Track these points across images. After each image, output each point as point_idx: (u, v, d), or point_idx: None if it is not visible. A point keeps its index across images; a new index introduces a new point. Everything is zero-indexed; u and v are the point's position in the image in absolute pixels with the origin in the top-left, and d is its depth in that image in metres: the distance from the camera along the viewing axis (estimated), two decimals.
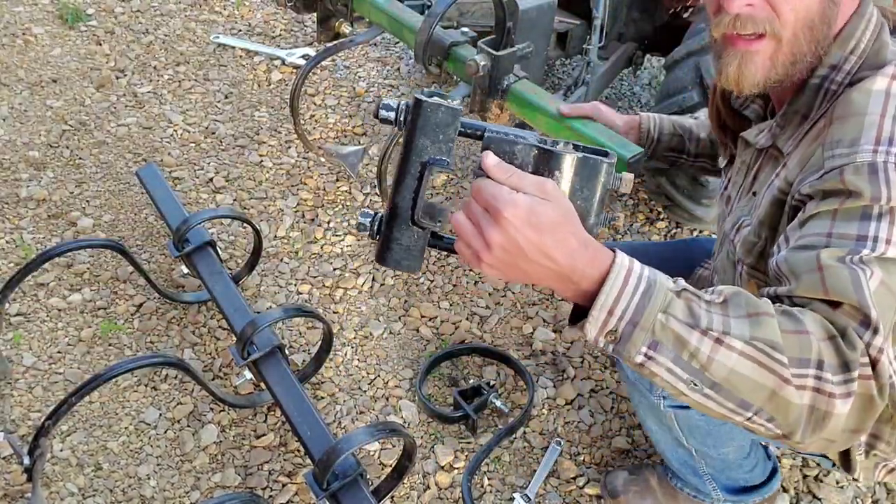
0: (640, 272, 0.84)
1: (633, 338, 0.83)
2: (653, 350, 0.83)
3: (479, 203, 0.83)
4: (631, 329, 0.83)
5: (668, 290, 0.84)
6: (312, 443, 1.59)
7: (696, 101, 2.27)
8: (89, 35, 3.28)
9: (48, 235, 2.36)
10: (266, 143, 2.84)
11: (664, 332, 0.82)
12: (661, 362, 0.84)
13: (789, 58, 1.09)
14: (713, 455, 1.50)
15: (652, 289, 0.83)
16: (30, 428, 1.84)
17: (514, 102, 1.96)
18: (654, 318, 0.82)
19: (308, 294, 2.29)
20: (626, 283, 0.83)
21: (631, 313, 0.82)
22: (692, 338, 0.82)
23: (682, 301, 0.84)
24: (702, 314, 0.83)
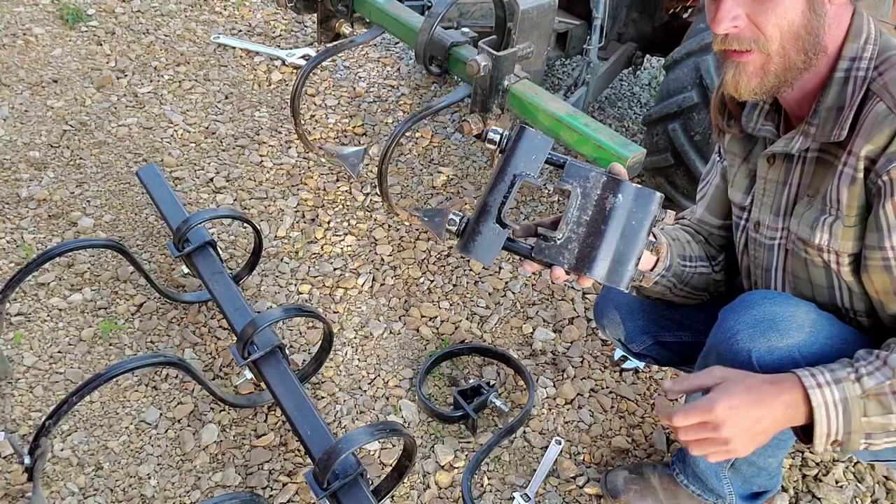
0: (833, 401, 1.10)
1: (851, 440, 1.12)
2: (869, 440, 1.13)
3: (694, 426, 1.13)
4: (847, 437, 1.12)
5: (857, 398, 1.10)
6: (313, 442, 1.59)
7: (696, 102, 2.28)
8: (90, 35, 3.28)
9: (49, 235, 2.36)
10: (266, 143, 2.85)
11: (871, 427, 1.11)
12: (879, 442, 1.14)
13: (780, 66, 1.18)
14: (759, 464, 1.51)
15: (848, 408, 1.10)
16: (30, 427, 1.84)
17: (515, 102, 1.96)
18: (859, 423, 1.10)
19: (308, 294, 2.30)
20: (829, 415, 1.10)
21: (843, 429, 1.11)
22: (892, 420, 1.10)
23: (872, 402, 1.10)
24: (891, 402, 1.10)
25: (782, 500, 1.83)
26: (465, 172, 2.83)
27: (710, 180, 1.57)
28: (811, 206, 1.29)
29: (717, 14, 1.15)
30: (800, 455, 1.95)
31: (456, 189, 2.74)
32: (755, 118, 1.36)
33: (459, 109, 3.10)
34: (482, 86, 1.95)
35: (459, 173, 2.82)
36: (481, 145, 2.94)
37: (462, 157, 2.90)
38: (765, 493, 1.63)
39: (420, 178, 2.78)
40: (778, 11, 1.13)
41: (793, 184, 1.32)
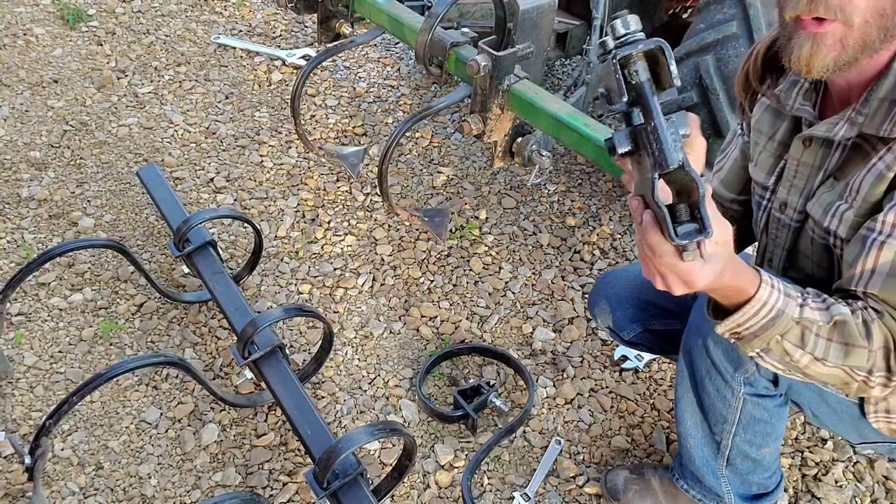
0: (772, 304, 1.09)
1: (751, 343, 1.14)
2: (764, 353, 1.16)
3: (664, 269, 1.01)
4: (752, 338, 1.13)
5: (790, 319, 1.10)
6: (313, 442, 1.59)
7: (696, 102, 2.27)
8: (90, 35, 3.29)
9: (49, 235, 2.36)
10: (267, 143, 2.85)
11: (776, 346, 1.13)
12: (769, 361, 1.17)
13: (859, 42, 1.10)
14: (751, 455, 1.51)
15: (777, 319, 1.10)
16: (31, 427, 1.84)
17: (515, 103, 1.96)
18: (771, 337, 1.12)
19: (308, 294, 2.30)
20: (758, 313, 1.10)
21: (754, 329, 1.11)
22: (796, 353, 1.13)
23: (798, 328, 1.11)
24: (810, 340, 1.11)
25: (782, 500, 1.84)
26: (465, 172, 2.83)
27: (729, 153, 1.54)
28: (832, 189, 1.26)
29: None
30: (799, 455, 1.95)
31: (456, 189, 2.74)
32: (794, 96, 1.30)
33: (459, 109, 3.10)
34: (482, 86, 1.95)
35: (459, 173, 2.82)
36: (481, 145, 2.94)
37: (462, 157, 2.90)
38: (765, 495, 1.62)
39: (420, 178, 2.79)
40: None
41: (827, 169, 1.28)
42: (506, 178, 2.83)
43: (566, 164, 2.95)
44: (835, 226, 1.24)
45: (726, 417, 1.47)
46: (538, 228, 2.62)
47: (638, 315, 1.71)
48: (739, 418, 1.45)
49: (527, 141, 2.06)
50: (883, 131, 1.15)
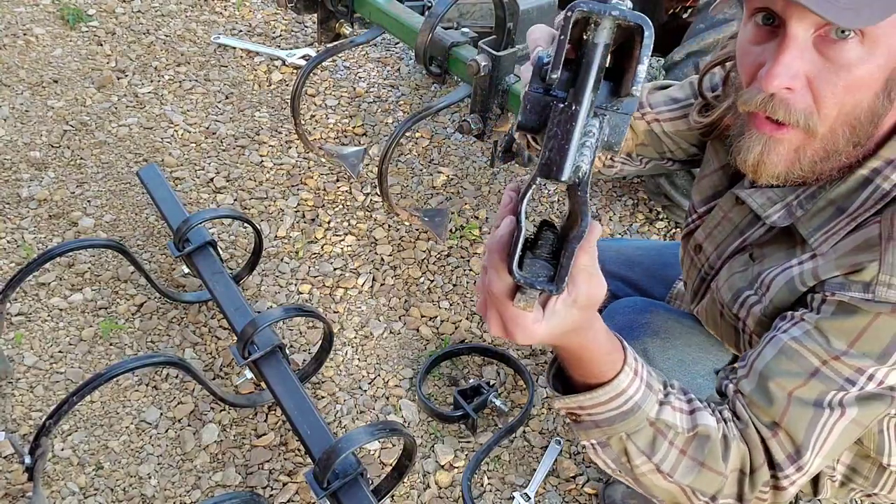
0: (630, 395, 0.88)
1: (589, 432, 0.92)
2: (600, 448, 0.93)
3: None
4: (591, 426, 0.91)
5: (645, 417, 0.90)
6: (313, 442, 1.59)
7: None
8: (90, 35, 3.29)
9: (49, 235, 2.36)
10: (267, 143, 2.85)
11: (618, 444, 0.91)
12: (602, 457, 0.94)
13: (819, 154, 0.94)
14: None
15: (630, 413, 0.89)
16: (31, 427, 1.84)
17: (515, 102, 1.96)
18: (616, 433, 0.90)
19: (308, 294, 2.30)
20: (610, 402, 0.88)
21: (599, 419, 0.90)
22: (638, 459, 0.92)
23: (651, 430, 0.90)
24: (661, 448, 0.91)
25: None
26: (465, 172, 2.83)
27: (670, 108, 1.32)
28: (744, 271, 1.12)
29: (774, 67, 0.86)
30: None
31: (456, 189, 2.74)
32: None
33: (459, 109, 3.10)
34: (482, 86, 1.95)
35: (459, 173, 2.82)
36: (481, 145, 2.94)
37: (462, 157, 2.90)
38: None
39: (420, 178, 2.79)
40: (849, 84, 0.86)
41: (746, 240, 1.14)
42: (506, 178, 2.83)
43: None
44: (743, 315, 1.12)
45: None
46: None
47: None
48: None
49: None
50: (814, 240, 1.00)
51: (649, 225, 2.70)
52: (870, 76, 0.86)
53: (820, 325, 0.93)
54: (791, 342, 0.94)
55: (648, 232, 2.67)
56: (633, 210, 2.75)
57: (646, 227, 2.69)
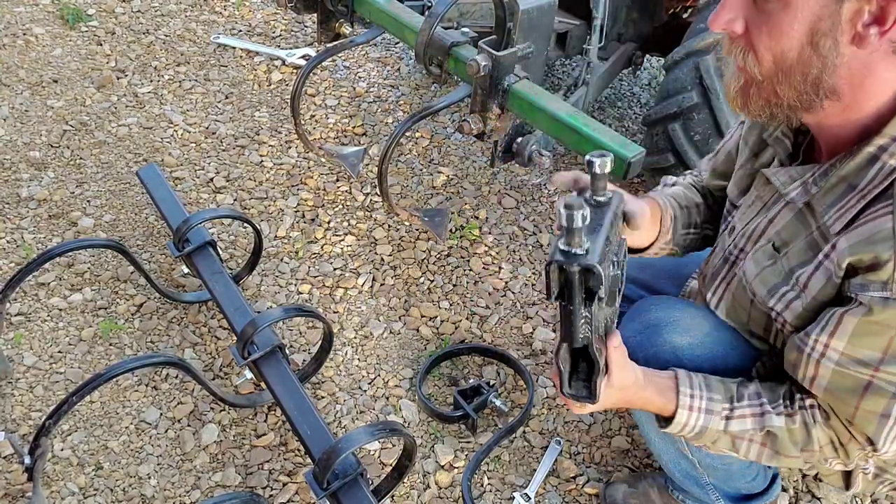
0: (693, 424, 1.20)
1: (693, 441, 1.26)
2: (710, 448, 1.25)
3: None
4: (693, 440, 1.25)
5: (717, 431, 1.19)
6: (313, 442, 1.59)
7: (696, 102, 2.28)
8: (90, 35, 3.28)
9: (49, 235, 2.36)
10: (266, 143, 2.85)
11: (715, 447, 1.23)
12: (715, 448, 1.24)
13: (764, 97, 1.03)
14: (717, 466, 1.48)
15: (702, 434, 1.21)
16: (31, 427, 1.84)
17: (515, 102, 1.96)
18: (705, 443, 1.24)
19: (308, 294, 2.30)
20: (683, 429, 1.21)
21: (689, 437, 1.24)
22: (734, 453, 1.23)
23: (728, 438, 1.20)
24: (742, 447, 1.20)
25: (782, 500, 1.83)
26: (465, 172, 2.83)
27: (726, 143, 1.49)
28: (774, 266, 1.18)
29: (718, 10, 1.00)
30: None
31: (456, 189, 2.74)
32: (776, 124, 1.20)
33: (459, 109, 3.10)
34: (482, 86, 1.95)
35: (459, 173, 2.82)
36: (481, 145, 2.94)
37: (462, 157, 2.90)
38: (759, 495, 1.61)
39: (420, 178, 2.79)
40: (773, 33, 0.96)
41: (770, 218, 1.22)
42: (506, 178, 2.83)
43: (566, 164, 2.95)
44: (780, 309, 1.18)
45: (675, 440, 1.44)
46: (538, 228, 2.62)
47: None
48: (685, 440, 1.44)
49: (527, 141, 2.05)
50: (828, 217, 1.07)
51: None
52: (789, 25, 0.94)
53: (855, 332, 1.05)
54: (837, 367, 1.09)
55: None
56: None
57: None
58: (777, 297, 1.18)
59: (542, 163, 2.03)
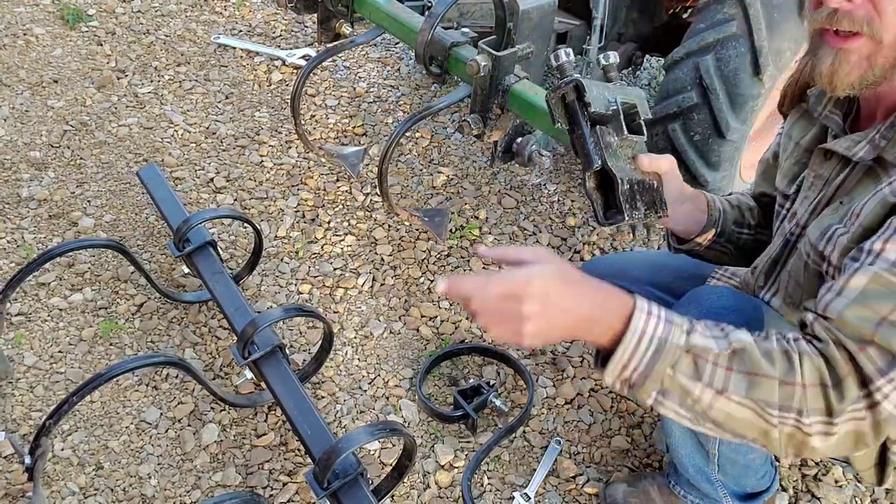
0: (652, 333, 0.96)
1: (644, 386, 0.97)
2: (661, 396, 0.98)
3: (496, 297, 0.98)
4: (643, 380, 0.97)
5: (677, 347, 0.96)
6: (313, 442, 1.59)
7: (696, 102, 2.27)
8: (90, 35, 3.29)
9: (49, 235, 2.36)
10: (267, 143, 2.85)
11: (671, 384, 0.96)
12: (669, 406, 0.99)
13: (889, 60, 1.05)
14: (739, 461, 1.49)
15: (662, 348, 0.95)
16: (31, 427, 1.84)
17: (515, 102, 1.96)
18: (662, 373, 0.96)
19: (308, 294, 2.30)
20: (639, 345, 0.96)
21: (642, 368, 0.96)
22: (695, 389, 0.96)
23: (689, 357, 0.96)
24: (706, 370, 0.95)
25: (782, 500, 1.84)
26: (465, 172, 2.83)
27: (766, 155, 1.55)
28: (835, 213, 1.20)
29: None
30: None
31: (456, 189, 2.74)
32: (824, 102, 1.25)
33: (459, 109, 3.10)
34: (482, 86, 1.95)
35: (459, 173, 2.82)
36: (481, 145, 2.94)
37: (462, 157, 2.90)
38: (760, 493, 1.62)
39: (420, 178, 2.79)
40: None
41: (838, 186, 1.23)
42: (506, 178, 2.83)
43: (566, 164, 2.95)
44: (829, 251, 1.17)
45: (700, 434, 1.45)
46: (538, 228, 2.62)
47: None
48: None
49: (527, 141, 2.06)
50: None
51: None
52: None
53: None
54: (881, 271, 0.98)
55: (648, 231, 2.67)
56: None
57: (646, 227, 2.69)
58: (828, 237, 1.17)
59: (542, 163, 2.04)
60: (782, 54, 2.15)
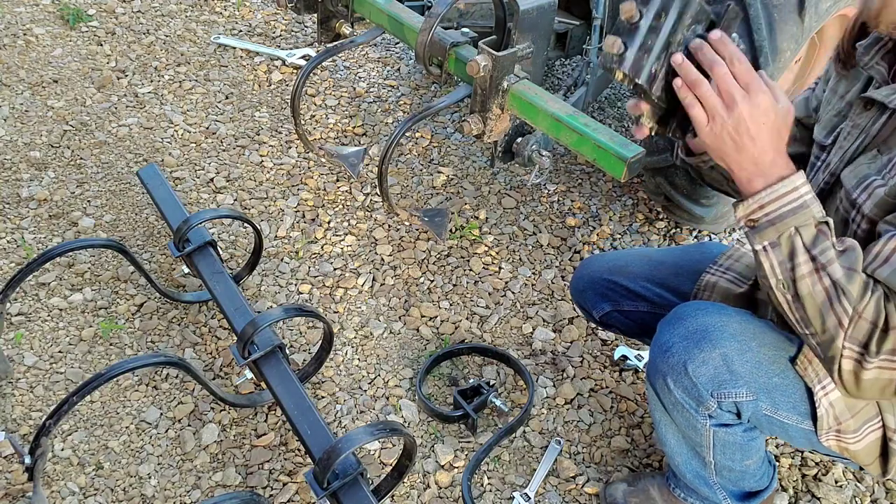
0: (800, 194, 1.09)
1: (764, 232, 1.11)
2: (770, 248, 1.11)
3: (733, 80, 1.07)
4: (767, 226, 1.10)
5: (812, 216, 1.09)
6: (313, 442, 1.59)
7: None
8: (90, 35, 3.29)
9: (49, 235, 2.36)
10: (267, 143, 2.85)
11: (786, 241, 1.10)
12: (772, 258, 1.12)
13: None
14: (735, 468, 1.50)
15: (800, 210, 1.09)
16: (31, 427, 1.84)
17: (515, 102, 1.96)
18: (787, 228, 1.09)
19: (308, 294, 2.30)
20: (787, 196, 1.09)
21: (774, 215, 1.09)
22: (802, 256, 1.09)
23: (815, 230, 1.09)
24: (821, 244, 1.08)
25: (782, 500, 1.84)
26: (465, 172, 2.83)
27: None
28: (872, 162, 1.23)
29: None
30: (799, 455, 1.95)
31: (456, 189, 2.74)
32: (872, 53, 1.27)
33: (459, 109, 3.10)
34: (482, 86, 1.95)
35: (459, 173, 2.82)
36: (481, 145, 2.94)
37: (462, 157, 2.90)
38: (759, 492, 1.63)
39: (420, 178, 2.79)
40: None
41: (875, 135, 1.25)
42: (506, 178, 2.83)
43: (566, 164, 2.95)
44: (862, 200, 1.21)
45: (701, 443, 1.46)
46: (538, 228, 2.62)
47: (608, 294, 1.76)
48: (713, 443, 1.45)
49: (527, 141, 2.06)
50: None
51: (649, 225, 2.70)
52: None
53: None
54: None
55: (648, 232, 2.67)
56: (632, 210, 2.75)
57: (645, 226, 2.69)
58: (863, 186, 1.21)
59: (542, 163, 2.04)
60: (782, 54, 2.15)
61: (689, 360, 1.31)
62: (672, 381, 1.37)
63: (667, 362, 1.35)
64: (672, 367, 1.34)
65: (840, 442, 1.37)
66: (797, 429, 1.39)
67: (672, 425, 1.51)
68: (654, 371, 1.42)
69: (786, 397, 1.35)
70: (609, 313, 1.78)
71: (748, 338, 1.32)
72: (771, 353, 1.33)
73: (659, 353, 1.38)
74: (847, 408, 1.34)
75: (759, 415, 1.36)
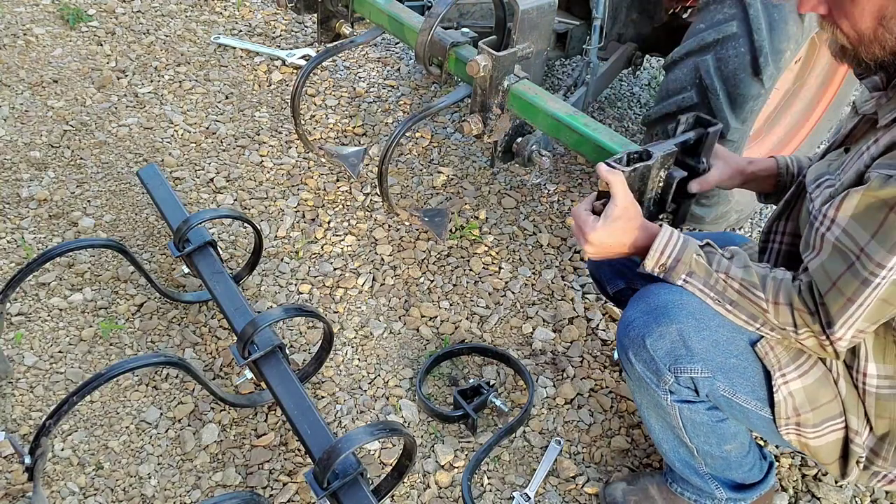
0: (677, 236, 1.34)
1: (676, 269, 1.34)
2: (689, 277, 1.34)
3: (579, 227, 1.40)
4: (675, 263, 1.34)
5: (696, 244, 1.34)
6: (313, 442, 1.59)
7: (696, 102, 2.27)
8: (90, 35, 3.29)
9: (49, 235, 2.36)
10: (267, 143, 2.85)
11: (697, 266, 1.33)
12: (695, 284, 1.34)
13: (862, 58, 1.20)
14: (716, 454, 1.51)
15: (686, 243, 1.34)
16: (31, 427, 1.84)
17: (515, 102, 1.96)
18: (690, 257, 1.33)
19: (308, 294, 2.30)
20: (670, 240, 1.34)
21: (675, 252, 1.34)
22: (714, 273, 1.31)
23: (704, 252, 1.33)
24: (716, 259, 1.32)
25: (782, 500, 1.84)
26: (465, 172, 2.83)
27: None
28: (835, 161, 1.34)
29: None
30: (799, 455, 1.95)
31: (456, 189, 2.74)
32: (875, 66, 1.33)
33: (459, 109, 3.10)
34: (482, 86, 1.95)
35: (459, 173, 2.82)
36: (481, 145, 2.94)
37: (462, 157, 2.90)
38: (754, 485, 1.63)
39: (420, 178, 2.79)
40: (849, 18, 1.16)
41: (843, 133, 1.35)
42: (506, 178, 2.83)
43: (566, 164, 2.95)
44: (816, 195, 1.30)
45: (672, 423, 1.48)
46: (538, 228, 2.62)
47: (624, 272, 1.81)
48: (682, 423, 1.46)
49: (527, 141, 2.06)
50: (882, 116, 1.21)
51: None
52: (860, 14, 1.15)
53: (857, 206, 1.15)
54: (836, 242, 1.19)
55: None
56: None
57: None
58: (816, 184, 1.32)
59: (542, 163, 2.04)
60: (782, 54, 2.15)
61: (647, 333, 1.37)
62: (633, 355, 1.43)
63: (628, 336, 1.42)
64: (632, 341, 1.41)
65: (800, 437, 1.39)
66: (757, 415, 1.41)
67: (653, 409, 1.52)
68: (619, 347, 1.48)
69: (744, 380, 1.37)
70: (623, 290, 1.82)
71: (708, 317, 1.35)
72: (730, 334, 1.36)
73: (622, 329, 1.44)
74: (807, 400, 1.36)
75: (716, 394, 1.39)
